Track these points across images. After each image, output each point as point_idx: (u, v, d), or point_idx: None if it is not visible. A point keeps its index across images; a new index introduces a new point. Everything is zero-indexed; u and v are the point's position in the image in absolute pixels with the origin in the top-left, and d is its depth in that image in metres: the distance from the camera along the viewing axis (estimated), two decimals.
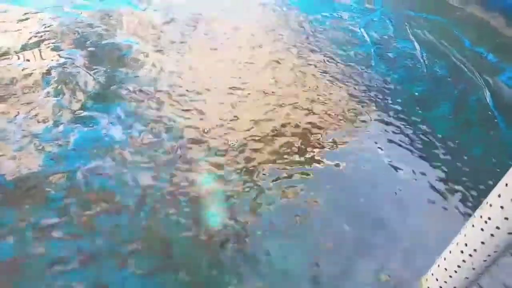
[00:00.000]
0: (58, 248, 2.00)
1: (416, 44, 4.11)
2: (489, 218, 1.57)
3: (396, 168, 2.71)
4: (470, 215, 2.38)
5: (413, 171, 2.71)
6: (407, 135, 2.99)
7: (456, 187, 2.63)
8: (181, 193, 2.35)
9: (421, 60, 3.87)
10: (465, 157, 2.85)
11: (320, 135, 2.89)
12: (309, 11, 4.51)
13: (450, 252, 1.83)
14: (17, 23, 3.64)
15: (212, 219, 2.24)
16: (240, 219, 2.25)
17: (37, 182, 2.30)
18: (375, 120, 3.11)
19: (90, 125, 2.72)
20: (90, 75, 3.17)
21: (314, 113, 3.07)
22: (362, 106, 3.22)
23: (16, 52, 3.28)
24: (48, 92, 2.94)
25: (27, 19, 3.71)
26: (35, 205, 2.18)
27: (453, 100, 3.43)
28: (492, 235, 1.59)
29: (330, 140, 2.86)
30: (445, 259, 1.85)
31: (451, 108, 3.34)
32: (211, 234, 2.16)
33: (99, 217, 2.17)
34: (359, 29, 4.29)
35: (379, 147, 2.87)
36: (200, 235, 2.15)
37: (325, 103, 3.20)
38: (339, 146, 2.83)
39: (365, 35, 4.20)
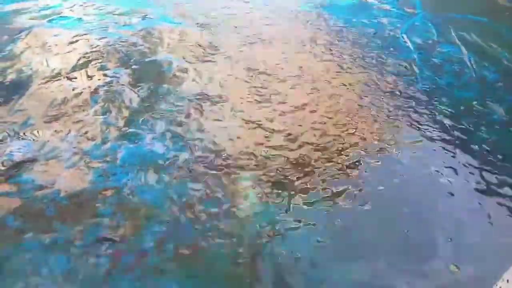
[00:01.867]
0: (106, 262, 2.07)
1: (462, 47, 3.93)
2: None
3: (447, 178, 2.58)
4: None
5: (466, 181, 2.56)
6: (458, 144, 2.84)
7: (504, 194, 2.46)
8: (224, 210, 2.36)
9: (469, 65, 3.69)
10: None
11: (366, 143, 2.82)
12: (348, 19, 4.44)
13: None
14: (67, 45, 3.86)
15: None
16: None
17: (88, 198, 2.39)
18: (425, 129, 2.98)
19: (136, 141, 2.81)
20: (134, 92, 3.28)
21: (362, 122, 3.00)
22: (409, 115, 3.11)
23: (67, 73, 3.47)
24: (96, 111, 3.07)
25: (76, 41, 3.92)
26: (87, 219, 2.27)
27: (506, 106, 3.22)
28: None
29: (377, 149, 2.78)
30: (508, 281, 1.72)
31: (505, 114, 3.14)
32: (253, 251, 2.15)
33: (145, 231, 2.22)
34: (401, 35, 4.17)
35: (430, 157, 2.74)
36: (241, 248, 2.14)
37: (371, 113, 3.12)
38: (387, 156, 2.73)
39: (407, 40, 4.07)
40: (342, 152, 2.76)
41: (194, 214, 2.33)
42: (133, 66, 3.61)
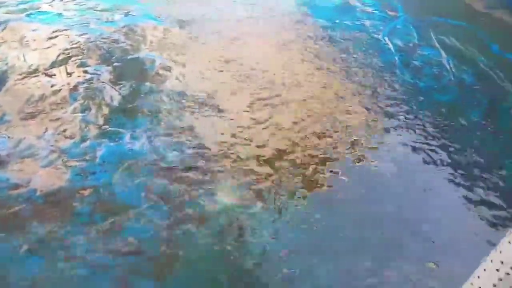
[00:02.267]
0: (86, 262, 2.03)
1: (441, 51, 4.01)
2: (502, 262, 1.49)
3: (423, 177, 2.64)
4: (502, 226, 2.29)
5: (441, 182, 2.62)
6: (435, 145, 2.90)
7: (488, 198, 2.53)
8: (205, 206, 2.35)
9: (448, 68, 3.77)
10: (497, 168, 2.74)
11: (344, 144, 2.84)
12: (331, 20, 4.48)
13: (484, 270, 1.74)
14: (46, 41, 3.77)
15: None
16: None
17: (65, 197, 2.34)
18: (402, 129, 3.04)
19: (116, 139, 2.77)
20: (116, 90, 3.23)
21: (339, 122, 3.03)
22: (388, 116, 3.16)
23: (45, 69, 3.39)
24: (75, 108, 3.01)
25: (56, 36, 3.83)
26: (63, 219, 2.22)
27: (483, 108, 3.31)
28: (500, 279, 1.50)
29: (353, 149, 2.81)
30: (479, 277, 1.76)
31: (481, 116, 3.22)
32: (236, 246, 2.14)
33: (125, 231, 2.19)
34: (383, 37, 4.23)
35: (405, 157, 2.79)
36: (223, 246, 2.14)
37: (349, 112, 3.15)
38: (364, 155, 2.77)
39: (389, 43, 4.13)
40: (314, 154, 2.79)
41: (174, 214, 2.30)
42: (115, 64, 3.55)
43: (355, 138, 2.92)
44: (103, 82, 3.31)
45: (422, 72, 3.73)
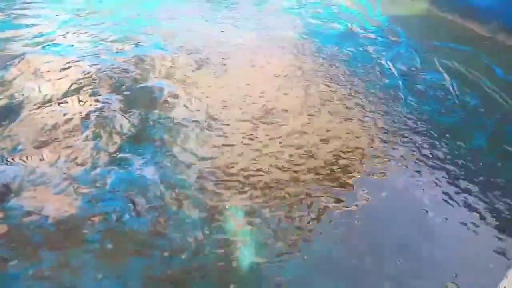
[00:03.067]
0: None
1: (445, 75, 4.07)
2: None
3: (428, 203, 2.63)
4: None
5: (446, 206, 2.61)
6: (441, 168, 2.91)
7: (495, 222, 2.51)
8: (214, 238, 2.37)
9: (452, 91, 3.81)
10: (502, 191, 2.73)
11: (350, 167, 2.87)
12: (335, 46, 4.59)
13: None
14: (60, 71, 3.91)
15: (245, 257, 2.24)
16: None
17: (76, 224, 2.39)
18: (408, 153, 3.05)
19: (125, 166, 2.83)
20: (126, 118, 3.32)
21: (346, 147, 3.06)
22: (394, 139, 3.18)
23: (58, 99, 3.51)
24: (87, 136, 3.10)
25: (69, 67, 3.98)
26: (74, 247, 2.26)
27: (488, 131, 3.32)
28: None
29: (360, 173, 2.83)
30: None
31: (486, 139, 3.23)
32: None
33: (132, 258, 2.21)
34: (386, 62, 4.31)
35: (411, 180, 2.80)
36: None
37: (357, 137, 3.19)
38: (369, 179, 2.78)
39: (392, 68, 4.20)
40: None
41: (183, 244, 2.33)
42: (125, 92, 3.66)
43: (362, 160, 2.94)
44: (114, 110, 3.41)
45: (427, 95, 3.77)
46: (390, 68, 4.21)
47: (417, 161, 2.98)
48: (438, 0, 5.61)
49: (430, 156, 3.04)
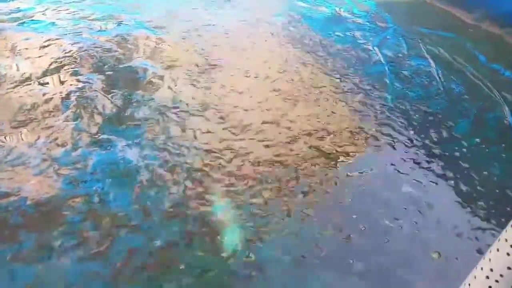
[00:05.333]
0: (75, 272, 2.01)
1: (431, 61, 4.09)
2: None
3: (409, 186, 2.67)
4: (492, 236, 2.32)
5: (427, 191, 2.65)
6: (424, 154, 2.94)
7: (475, 207, 2.56)
8: (196, 217, 2.35)
9: (437, 78, 3.84)
10: (484, 177, 2.78)
11: (333, 153, 2.87)
12: (323, 31, 4.55)
13: (475, 277, 1.76)
14: (39, 49, 3.77)
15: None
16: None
17: (56, 206, 2.33)
18: (392, 138, 3.07)
19: (108, 148, 2.76)
20: (108, 98, 3.24)
21: (328, 132, 3.06)
22: (379, 125, 3.20)
23: (38, 78, 3.38)
24: (67, 116, 3.01)
25: (48, 45, 3.84)
26: (54, 228, 2.20)
27: (472, 117, 3.37)
28: None
29: (343, 158, 2.84)
30: (469, 285, 1.78)
31: (470, 126, 3.28)
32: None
33: (114, 240, 2.18)
34: (373, 47, 4.30)
35: (393, 166, 2.83)
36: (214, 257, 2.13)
37: (342, 121, 3.19)
38: (351, 162, 2.80)
39: (379, 53, 4.20)
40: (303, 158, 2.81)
41: (166, 222, 2.30)
42: (107, 72, 3.56)
43: (345, 143, 2.95)
44: (95, 90, 3.31)
45: (412, 81, 3.79)
46: (376, 54, 4.20)
47: (398, 144, 3.01)
48: None
49: (414, 139, 3.06)
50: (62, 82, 3.39)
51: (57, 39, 3.96)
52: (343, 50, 4.21)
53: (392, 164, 2.85)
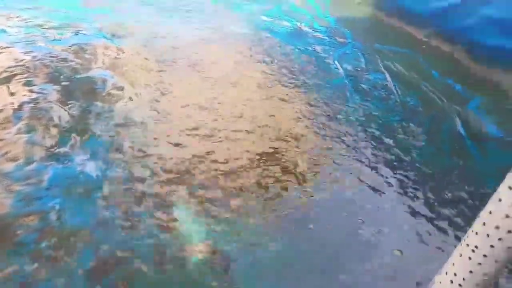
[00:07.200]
0: None
1: (387, 75, 4.27)
2: (476, 247, 1.58)
3: (362, 191, 2.74)
4: (445, 242, 2.43)
5: (387, 199, 2.73)
6: (381, 163, 3.04)
7: (434, 216, 2.67)
8: (159, 226, 2.27)
9: (394, 91, 4.01)
10: (440, 185, 2.91)
11: (295, 166, 2.90)
12: (283, 45, 4.63)
13: (440, 282, 1.82)
14: None
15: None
16: None
17: (7, 224, 2.15)
18: (352, 148, 3.15)
19: (65, 162, 2.61)
20: (65, 110, 3.08)
21: (289, 146, 3.09)
22: (338, 135, 3.27)
23: None
24: (19, 129, 2.82)
25: None
26: (4, 249, 2.03)
27: (426, 128, 3.53)
28: (479, 263, 1.59)
29: (305, 169, 2.87)
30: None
31: (424, 135, 3.43)
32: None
33: (74, 258, 2.04)
34: (333, 61, 4.43)
35: (353, 175, 2.89)
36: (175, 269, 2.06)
37: (303, 133, 3.23)
38: (314, 176, 2.83)
39: (339, 67, 4.33)
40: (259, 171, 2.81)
41: (125, 239, 2.19)
42: (63, 83, 3.39)
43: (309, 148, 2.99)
44: (50, 101, 3.14)
45: (371, 94, 3.93)
46: (337, 68, 4.33)
47: (358, 153, 3.09)
48: (381, 4, 5.89)
49: (372, 148, 3.16)
50: (13, 93, 3.18)
51: (7, 47, 3.74)
52: (304, 63, 4.30)
53: (349, 172, 2.91)
